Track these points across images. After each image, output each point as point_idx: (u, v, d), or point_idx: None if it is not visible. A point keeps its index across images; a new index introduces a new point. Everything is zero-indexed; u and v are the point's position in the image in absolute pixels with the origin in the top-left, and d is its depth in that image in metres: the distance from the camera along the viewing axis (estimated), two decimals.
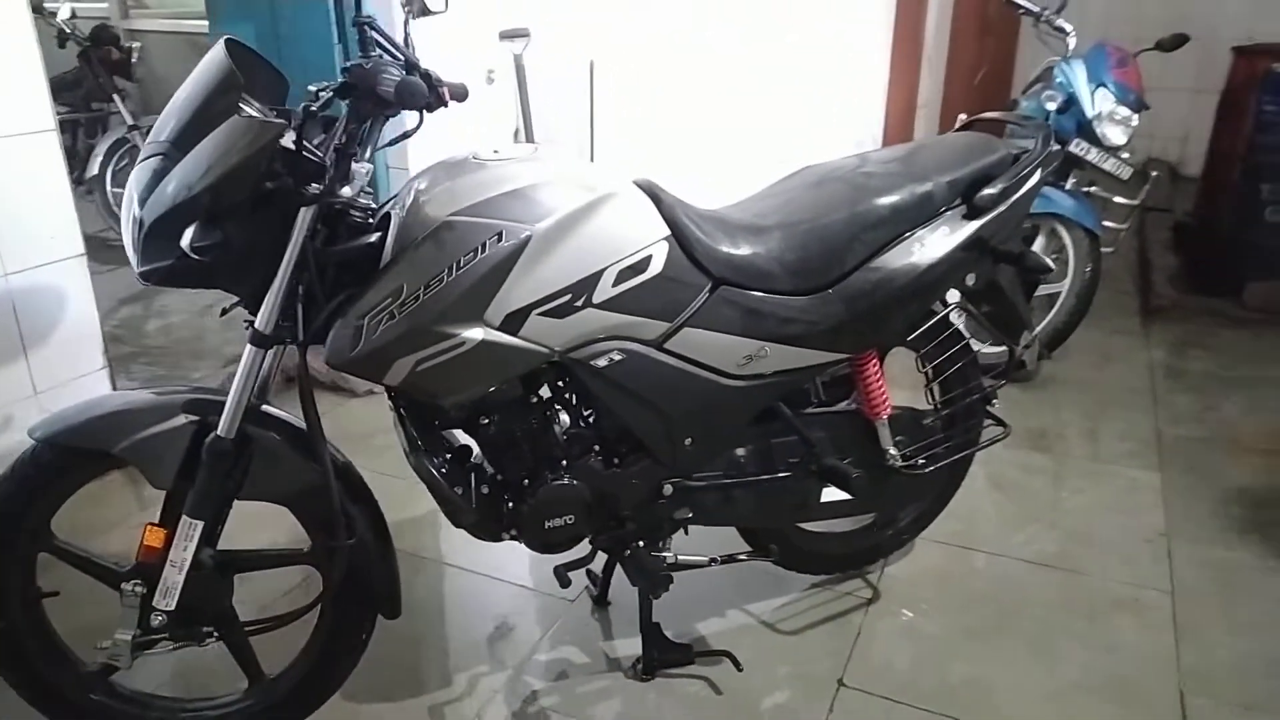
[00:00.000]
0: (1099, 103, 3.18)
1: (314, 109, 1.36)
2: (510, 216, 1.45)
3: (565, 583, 1.72)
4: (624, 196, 1.55)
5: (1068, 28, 3.28)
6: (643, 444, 1.69)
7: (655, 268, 1.56)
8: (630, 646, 1.94)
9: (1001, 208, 1.77)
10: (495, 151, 1.54)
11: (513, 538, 1.70)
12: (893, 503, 2.06)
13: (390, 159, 3.14)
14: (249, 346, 1.45)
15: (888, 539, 2.16)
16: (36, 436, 1.47)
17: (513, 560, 2.18)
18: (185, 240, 1.30)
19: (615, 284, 1.53)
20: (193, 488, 1.47)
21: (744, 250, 1.64)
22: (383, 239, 1.47)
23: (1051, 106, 3.17)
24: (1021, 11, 3.35)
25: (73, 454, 1.49)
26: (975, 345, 1.93)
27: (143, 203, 1.35)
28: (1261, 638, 1.98)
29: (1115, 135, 3.19)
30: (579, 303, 1.51)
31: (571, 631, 2.00)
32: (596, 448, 1.69)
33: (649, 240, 1.55)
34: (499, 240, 1.43)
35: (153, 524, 1.50)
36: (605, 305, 1.53)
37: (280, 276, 1.40)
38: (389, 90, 1.28)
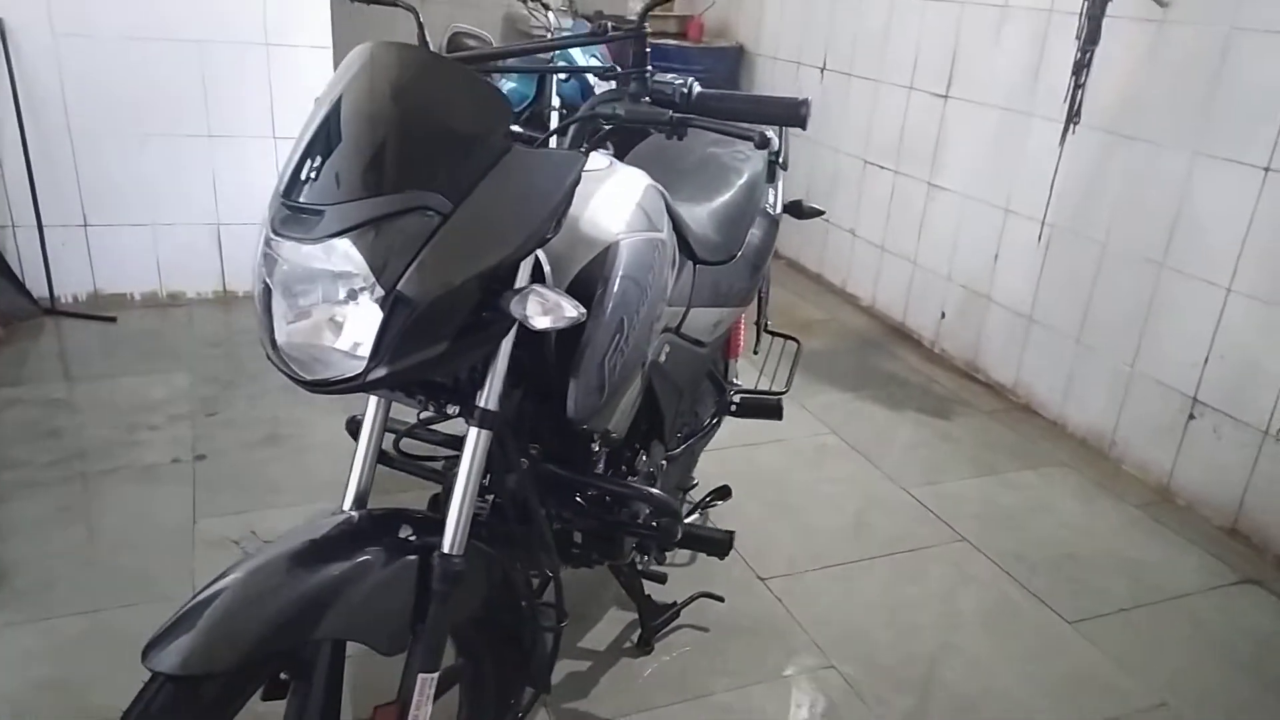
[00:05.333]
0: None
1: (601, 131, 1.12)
2: (652, 227, 1.40)
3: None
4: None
5: (551, 5, 3.75)
6: (654, 430, 1.76)
7: (674, 254, 1.64)
8: (599, 635, 1.99)
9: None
10: None
11: (589, 562, 1.64)
12: None
13: None
14: (474, 432, 1.14)
15: None
16: (187, 670, 0.94)
17: None
18: (532, 309, 0.99)
19: (674, 278, 1.59)
20: (420, 635, 1.13)
21: (701, 230, 1.81)
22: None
23: (562, 77, 3.64)
24: None
25: (249, 668, 0.99)
26: None
27: (392, 280, 0.96)
28: (924, 437, 2.95)
29: None
30: (668, 302, 1.54)
31: None
32: (637, 445, 1.71)
33: (668, 228, 1.63)
34: (659, 252, 1.39)
35: (381, 705, 1.10)
36: (671, 300, 1.58)
37: (509, 336, 1.14)
38: (794, 112, 1.10)
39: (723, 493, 2.05)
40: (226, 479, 2.43)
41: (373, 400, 1.25)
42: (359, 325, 1.00)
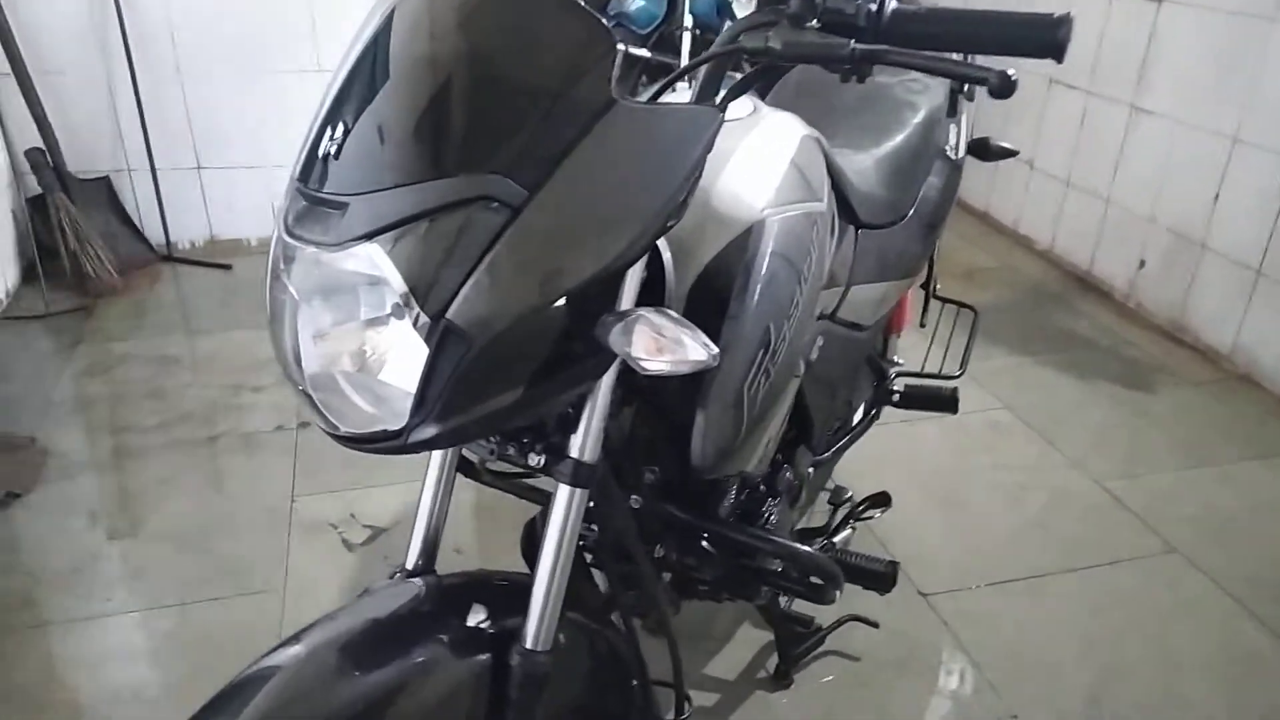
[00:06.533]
0: None
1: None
2: (810, 194, 1.05)
3: None
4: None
5: None
6: (800, 435, 1.43)
7: (834, 223, 1.28)
8: (726, 660, 1.70)
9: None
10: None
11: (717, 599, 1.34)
12: None
13: None
14: (564, 490, 0.85)
15: None
16: None
17: None
18: (639, 346, 0.69)
19: (830, 253, 1.22)
20: None
21: (866, 186, 1.43)
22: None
23: None
24: None
25: None
26: None
27: (440, 304, 0.67)
28: (1118, 414, 2.50)
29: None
30: (824, 286, 1.19)
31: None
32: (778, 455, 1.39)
33: (828, 192, 1.26)
34: (819, 228, 1.04)
35: None
36: (828, 280, 1.23)
37: (611, 370, 0.83)
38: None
39: (881, 500, 1.71)
40: (328, 451, 2.25)
41: None
42: (398, 363, 0.71)
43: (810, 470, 1.50)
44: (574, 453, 0.85)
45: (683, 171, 0.75)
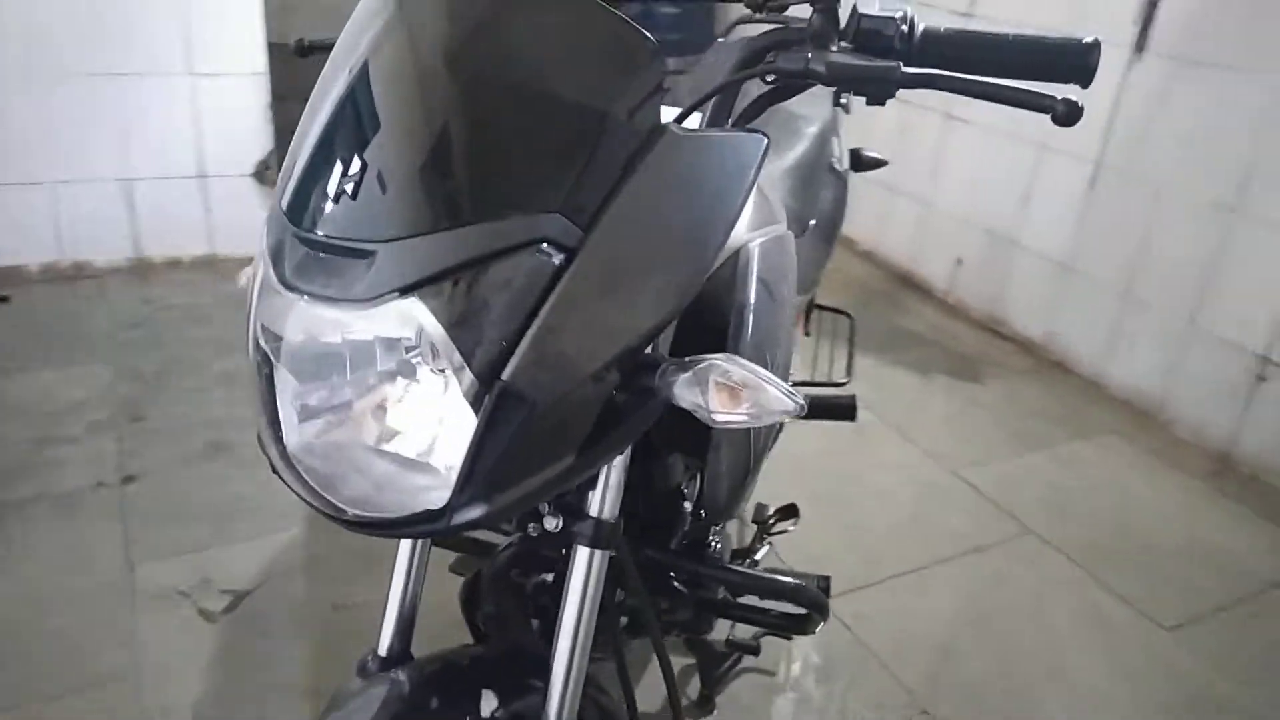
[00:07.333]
0: None
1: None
2: (774, 217, 1.02)
3: None
4: None
5: None
6: None
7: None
8: (647, 690, 1.65)
9: None
10: None
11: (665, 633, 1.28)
12: None
13: None
14: (584, 553, 0.76)
15: None
16: None
17: None
18: (716, 399, 0.61)
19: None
20: None
21: (779, 197, 1.42)
22: None
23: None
24: None
25: None
26: None
27: (490, 364, 0.57)
28: (959, 406, 2.65)
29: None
30: None
31: None
32: None
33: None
34: (785, 253, 1.01)
35: None
36: None
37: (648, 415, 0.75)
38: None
39: (790, 512, 1.71)
40: (165, 506, 1.99)
41: None
42: (431, 434, 0.60)
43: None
44: (593, 511, 0.76)
45: (736, 202, 0.69)
